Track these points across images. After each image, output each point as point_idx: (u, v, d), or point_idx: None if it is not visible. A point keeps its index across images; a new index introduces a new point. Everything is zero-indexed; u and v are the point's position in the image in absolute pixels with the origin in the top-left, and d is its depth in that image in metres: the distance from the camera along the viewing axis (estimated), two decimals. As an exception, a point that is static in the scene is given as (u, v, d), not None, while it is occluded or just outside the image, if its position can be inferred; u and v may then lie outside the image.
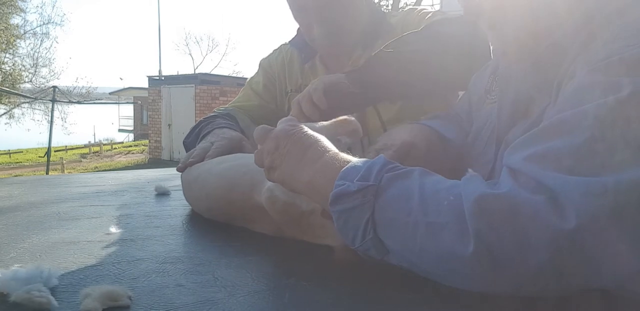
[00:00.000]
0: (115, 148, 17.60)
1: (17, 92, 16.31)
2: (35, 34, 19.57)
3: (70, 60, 72.17)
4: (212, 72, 20.03)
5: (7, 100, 18.02)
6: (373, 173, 0.51)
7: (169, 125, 12.02)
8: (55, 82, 19.69)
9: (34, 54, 19.26)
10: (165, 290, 0.50)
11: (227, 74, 18.60)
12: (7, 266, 0.52)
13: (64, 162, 12.59)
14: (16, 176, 7.88)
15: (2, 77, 17.49)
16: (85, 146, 18.19)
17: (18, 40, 18.26)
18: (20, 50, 18.85)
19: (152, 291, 0.50)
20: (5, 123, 18.86)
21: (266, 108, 1.27)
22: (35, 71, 19.22)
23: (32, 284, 0.47)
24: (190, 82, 11.45)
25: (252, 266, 0.58)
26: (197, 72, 21.82)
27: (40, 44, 19.55)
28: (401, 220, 0.47)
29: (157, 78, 13.11)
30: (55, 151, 14.78)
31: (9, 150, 16.78)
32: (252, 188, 0.71)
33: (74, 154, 16.07)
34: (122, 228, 0.77)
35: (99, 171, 9.86)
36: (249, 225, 0.76)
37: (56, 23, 22.00)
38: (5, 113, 18.78)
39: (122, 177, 1.46)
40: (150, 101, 12.76)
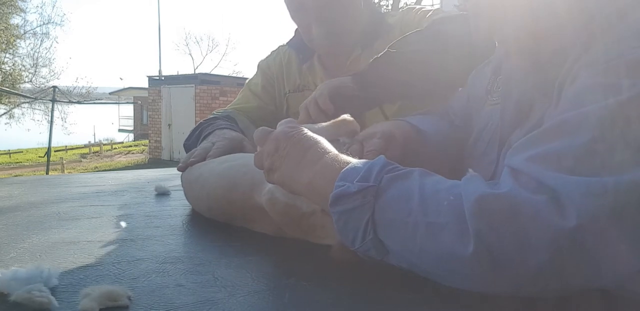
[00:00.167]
0: (115, 148, 17.60)
1: (17, 92, 16.31)
2: (35, 34, 19.61)
3: (70, 60, 72.41)
4: (212, 72, 20.07)
5: (7, 100, 18.03)
6: (373, 174, 0.51)
7: (169, 125, 12.02)
8: (55, 82, 19.75)
9: (34, 54, 19.31)
10: (165, 290, 0.50)
11: (227, 74, 18.62)
12: (7, 266, 0.52)
13: (64, 162, 12.59)
14: (16, 176, 7.88)
15: (2, 77, 17.50)
16: (85, 146, 18.19)
17: (18, 40, 18.28)
18: (20, 50, 18.90)
19: (152, 291, 0.50)
20: (5, 123, 18.87)
21: (265, 110, 1.27)
22: (35, 71, 19.26)
23: (32, 284, 0.47)
24: (190, 82, 11.44)
25: (252, 266, 0.58)
26: (197, 72, 21.84)
27: (40, 44, 19.60)
28: (401, 220, 0.47)
29: (157, 78, 13.11)
30: (55, 151, 14.78)
31: (9, 150, 16.78)
32: (253, 188, 0.71)
33: (74, 154, 16.08)
34: (122, 228, 0.77)
35: (99, 171, 9.86)
36: (249, 225, 0.76)
37: (56, 23, 22.08)
38: (5, 113, 18.79)
39: (122, 177, 1.46)
40: (150, 101, 12.76)
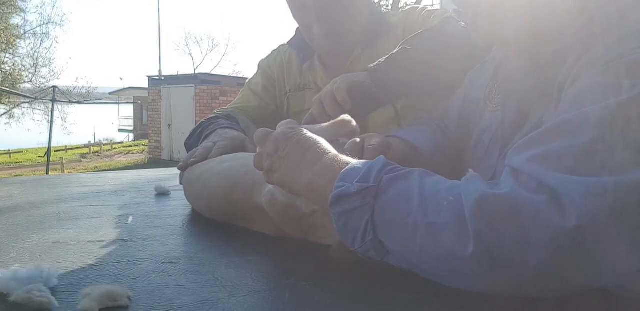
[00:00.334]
0: (115, 148, 17.61)
1: (17, 92, 16.30)
2: (35, 34, 19.60)
3: (70, 60, 72.39)
4: (212, 72, 20.06)
5: (7, 100, 18.02)
6: (373, 175, 0.50)
7: (169, 125, 12.02)
8: (55, 82, 19.75)
9: (34, 54, 19.30)
10: (165, 290, 0.50)
11: (227, 74, 18.61)
12: (7, 266, 0.52)
13: (64, 162, 12.59)
14: (16, 176, 7.88)
15: (2, 77, 17.49)
16: (85, 146, 18.20)
17: (18, 40, 18.28)
18: (20, 50, 18.89)
19: (152, 291, 0.50)
20: (5, 123, 18.87)
21: (266, 109, 1.27)
22: (35, 71, 19.25)
23: (32, 284, 0.47)
24: (190, 82, 11.45)
25: (252, 266, 0.58)
26: (197, 72, 21.85)
27: (40, 44, 19.60)
28: (401, 220, 0.47)
29: (157, 78, 13.11)
30: (55, 151, 14.78)
31: (9, 150, 16.78)
32: (253, 188, 0.71)
33: (74, 154, 16.08)
34: (122, 228, 0.77)
35: (99, 171, 9.86)
36: (249, 225, 0.76)
37: (56, 23, 22.07)
38: (5, 113, 18.78)
39: (122, 177, 1.46)
40: (150, 101, 12.76)
